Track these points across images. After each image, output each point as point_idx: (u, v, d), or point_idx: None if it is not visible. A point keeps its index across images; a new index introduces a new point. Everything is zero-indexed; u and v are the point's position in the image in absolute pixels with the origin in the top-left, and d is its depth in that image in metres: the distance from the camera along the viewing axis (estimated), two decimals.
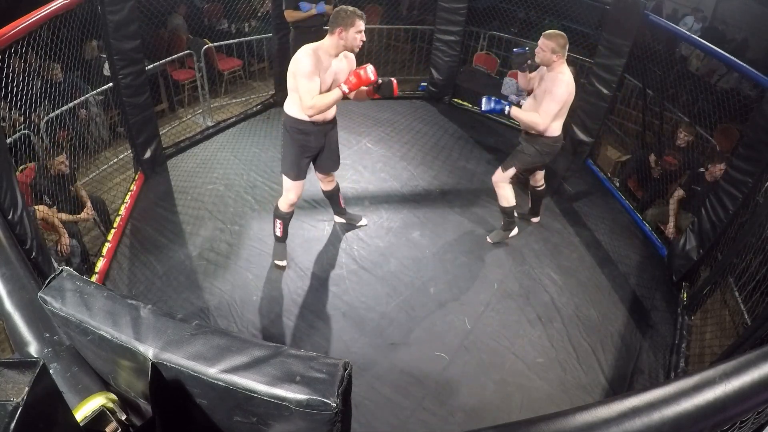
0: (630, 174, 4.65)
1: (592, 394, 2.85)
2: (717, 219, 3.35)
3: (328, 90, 2.78)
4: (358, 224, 3.84)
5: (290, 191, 3.14)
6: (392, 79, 2.94)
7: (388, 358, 2.92)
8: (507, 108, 3.18)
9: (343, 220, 3.84)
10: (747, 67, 3.38)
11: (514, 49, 3.36)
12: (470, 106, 5.65)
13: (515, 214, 3.70)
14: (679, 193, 4.05)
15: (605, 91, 4.54)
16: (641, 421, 0.88)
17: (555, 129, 3.23)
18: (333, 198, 3.63)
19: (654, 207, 4.33)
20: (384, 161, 4.65)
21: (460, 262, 3.62)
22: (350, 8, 2.67)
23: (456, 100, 5.78)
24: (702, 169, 4.00)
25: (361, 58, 6.03)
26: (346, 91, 2.72)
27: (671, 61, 4.80)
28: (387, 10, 6.51)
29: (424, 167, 4.62)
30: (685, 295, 3.51)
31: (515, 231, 3.80)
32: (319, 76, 2.68)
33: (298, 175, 3.08)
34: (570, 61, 5.35)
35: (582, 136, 4.88)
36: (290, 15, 4.49)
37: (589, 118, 4.77)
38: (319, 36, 4.28)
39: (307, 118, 2.83)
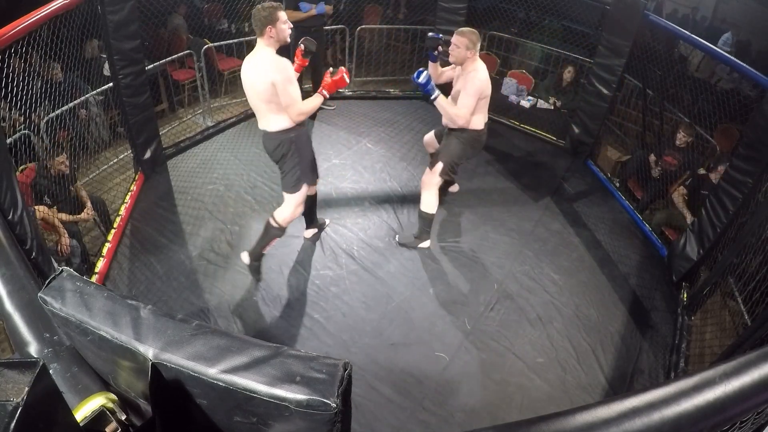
0: (630, 174, 4.65)
1: (592, 394, 2.85)
2: (717, 219, 3.35)
3: None
4: (326, 225, 3.78)
5: (300, 206, 3.08)
6: (307, 38, 2.94)
7: (388, 358, 2.92)
8: (435, 94, 3.05)
9: (314, 230, 3.70)
10: (747, 67, 3.38)
11: (429, 33, 3.30)
12: None
13: (430, 226, 3.62)
14: (682, 190, 4.04)
15: (605, 91, 4.54)
16: (641, 421, 0.88)
17: (477, 123, 3.25)
18: (311, 207, 3.52)
19: (659, 211, 4.27)
20: (384, 161, 4.65)
21: (460, 262, 3.62)
22: (267, 4, 2.65)
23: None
24: (703, 171, 4.00)
25: (362, 57, 6.05)
26: (326, 95, 2.81)
27: (671, 61, 4.80)
28: (387, 11, 6.51)
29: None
30: (685, 296, 3.51)
31: (427, 243, 3.68)
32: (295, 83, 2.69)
33: (313, 180, 3.15)
34: (570, 61, 5.40)
35: (582, 136, 4.89)
36: (290, 15, 4.49)
37: (589, 118, 4.77)
38: (318, 36, 4.30)
39: (292, 125, 2.80)
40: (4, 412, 0.64)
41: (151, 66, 4.33)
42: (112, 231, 3.58)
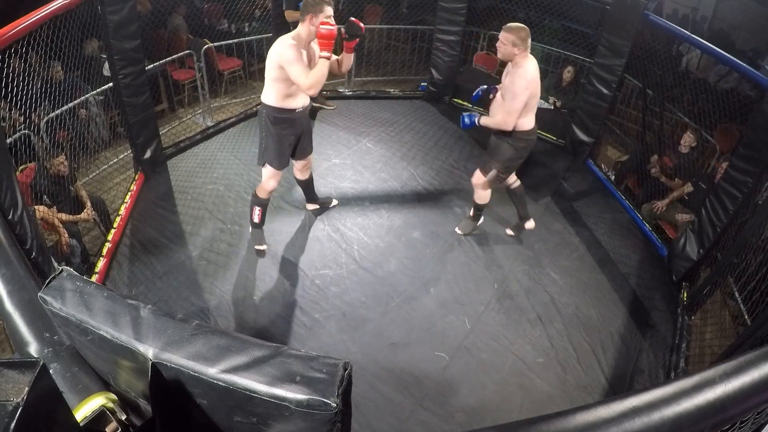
0: (628, 173, 4.66)
1: (592, 394, 2.85)
2: (717, 219, 3.35)
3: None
4: (331, 205, 3.96)
5: (272, 179, 3.26)
6: (351, 18, 2.97)
7: (388, 358, 2.92)
8: (476, 119, 3.26)
9: (316, 206, 3.92)
10: (747, 67, 3.38)
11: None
12: (470, 106, 5.65)
13: (483, 208, 3.74)
14: (687, 188, 4.02)
15: (605, 91, 4.54)
16: (641, 421, 0.88)
17: (526, 124, 3.17)
18: (308, 187, 3.76)
19: (649, 204, 4.33)
20: (384, 161, 4.65)
21: (460, 262, 3.62)
22: None
23: (456, 100, 5.78)
24: (708, 169, 4.01)
25: (362, 57, 6.05)
26: (327, 55, 2.78)
27: (671, 61, 4.80)
28: (387, 10, 6.51)
29: (424, 167, 4.62)
30: (685, 296, 3.51)
31: (482, 220, 3.85)
32: (301, 60, 2.82)
33: (282, 163, 3.19)
34: (570, 61, 5.40)
35: (582, 136, 4.88)
36: (291, 15, 4.50)
37: (589, 118, 4.77)
38: None
39: (288, 106, 2.98)
40: (4, 412, 0.64)
41: (151, 66, 4.33)
42: (112, 231, 3.58)
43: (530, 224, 3.80)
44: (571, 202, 4.43)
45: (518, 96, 3.02)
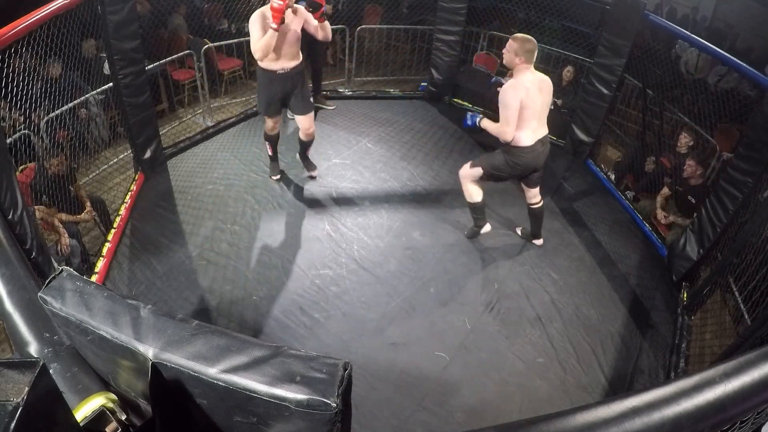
0: (625, 171, 4.69)
1: (592, 394, 2.85)
2: (717, 219, 3.35)
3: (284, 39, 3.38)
4: (310, 173, 4.27)
5: (266, 121, 3.84)
6: None
7: (388, 358, 2.92)
8: (478, 119, 3.23)
9: (301, 163, 4.29)
10: (747, 67, 3.38)
11: (493, 80, 3.46)
12: (470, 106, 5.65)
13: (482, 211, 3.68)
14: (665, 192, 4.09)
15: (605, 91, 4.54)
16: (641, 421, 0.88)
17: (521, 139, 3.11)
18: (303, 151, 4.18)
19: (643, 199, 4.39)
20: (384, 161, 4.65)
21: (460, 262, 3.62)
22: None
23: (456, 100, 5.78)
24: (708, 170, 4.04)
25: (362, 57, 6.04)
26: (274, 26, 3.19)
27: (670, 61, 4.80)
28: (387, 10, 6.51)
29: (424, 167, 4.62)
30: (685, 295, 3.51)
31: (487, 228, 3.75)
32: (263, 30, 3.25)
33: (268, 113, 3.75)
34: (570, 61, 5.40)
35: (582, 136, 4.89)
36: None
37: (589, 118, 4.77)
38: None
39: (268, 67, 3.48)
40: (4, 412, 0.64)
41: (151, 66, 4.33)
42: (112, 231, 3.58)
43: (539, 242, 3.79)
44: (571, 202, 4.43)
45: (508, 105, 3.00)
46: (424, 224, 3.92)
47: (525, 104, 3.01)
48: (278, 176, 4.22)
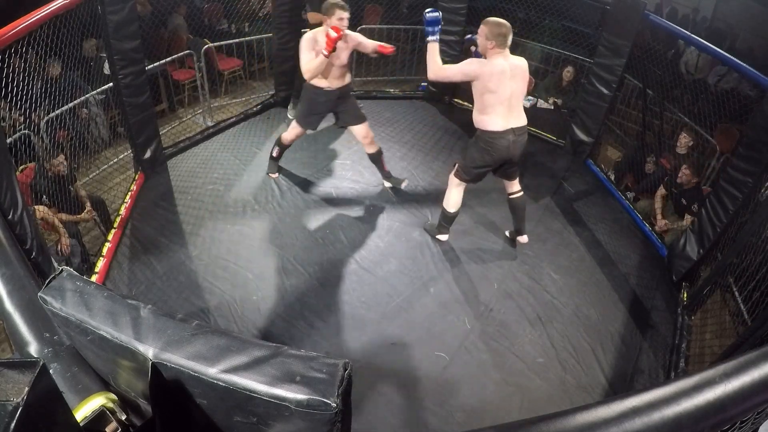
0: (625, 171, 4.70)
1: (592, 394, 2.85)
2: (717, 219, 3.35)
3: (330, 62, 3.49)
4: (402, 186, 4.24)
5: (293, 132, 3.94)
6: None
7: (388, 358, 2.92)
8: (431, 38, 3.13)
9: (389, 185, 4.26)
10: (747, 67, 3.38)
11: (467, 36, 3.42)
12: (470, 106, 5.63)
13: (451, 222, 3.64)
14: (662, 192, 4.10)
15: (605, 91, 4.54)
16: (641, 421, 0.88)
17: (488, 123, 3.05)
18: (376, 162, 4.13)
19: (643, 199, 4.41)
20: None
21: (460, 262, 3.62)
22: (332, 1, 3.35)
23: (456, 100, 5.78)
24: (708, 170, 4.06)
25: (362, 57, 6.04)
26: (325, 53, 3.32)
27: (671, 61, 4.80)
28: (387, 10, 6.50)
29: (424, 167, 4.62)
30: (685, 295, 3.51)
31: (446, 237, 3.72)
32: (313, 50, 3.39)
33: (304, 126, 3.87)
34: (570, 61, 5.40)
35: (582, 136, 4.88)
36: (314, 17, 4.56)
37: (589, 118, 4.77)
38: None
39: (316, 84, 3.59)
40: (4, 412, 0.64)
41: (151, 66, 4.33)
42: (112, 231, 3.58)
43: (523, 239, 3.68)
44: (571, 202, 4.43)
45: (459, 68, 3.02)
46: (424, 224, 3.92)
47: (488, 87, 2.96)
48: (276, 174, 4.27)
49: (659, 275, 3.75)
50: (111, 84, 3.82)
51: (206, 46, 5.07)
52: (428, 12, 3.13)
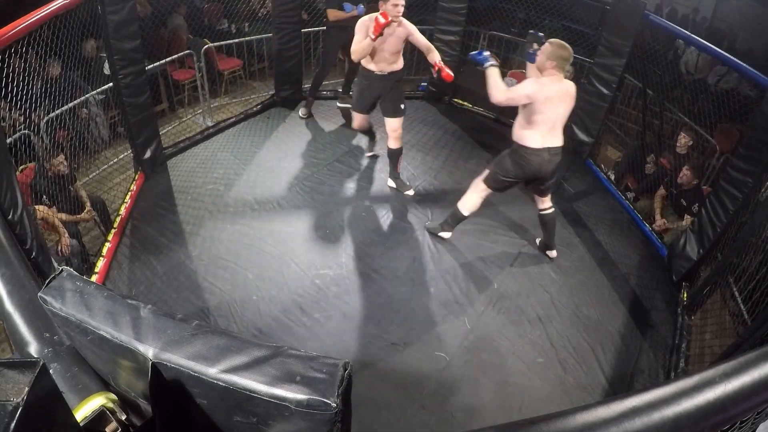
0: (625, 171, 4.70)
1: (592, 394, 2.85)
2: (717, 219, 3.35)
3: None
4: (405, 192, 4.22)
5: (357, 120, 4.13)
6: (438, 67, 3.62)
7: (388, 358, 2.92)
8: (488, 64, 3.13)
9: (393, 185, 4.27)
10: (747, 66, 3.38)
11: (530, 31, 3.37)
12: (470, 106, 5.65)
13: (458, 223, 3.66)
14: (662, 192, 4.11)
15: (605, 91, 4.54)
16: (641, 421, 0.88)
17: (528, 138, 3.12)
18: (393, 158, 4.19)
19: (643, 199, 4.42)
20: (384, 161, 4.64)
21: (460, 262, 3.62)
22: None
23: (456, 100, 5.78)
24: (708, 170, 4.06)
25: None
26: (372, 37, 3.45)
27: (671, 61, 4.80)
28: None
29: (424, 167, 4.62)
30: (685, 295, 3.51)
31: (448, 235, 3.74)
32: (364, 35, 3.50)
33: (359, 109, 4.02)
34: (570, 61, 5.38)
35: (582, 136, 4.88)
36: (333, 14, 4.57)
37: (589, 118, 4.76)
38: (351, 34, 4.40)
39: (366, 66, 3.74)
40: (4, 412, 0.64)
41: (151, 66, 4.33)
42: (112, 231, 3.58)
43: (552, 254, 3.71)
44: (571, 202, 4.43)
45: (519, 90, 3.04)
46: (424, 224, 3.92)
47: (538, 109, 3.01)
48: (372, 152, 4.63)
49: (659, 275, 3.75)
50: (111, 84, 3.82)
51: (206, 46, 5.07)
52: (471, 55, 3.31)
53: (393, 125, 3.98)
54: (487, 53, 3.20)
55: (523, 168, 3.22)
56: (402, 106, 3.93)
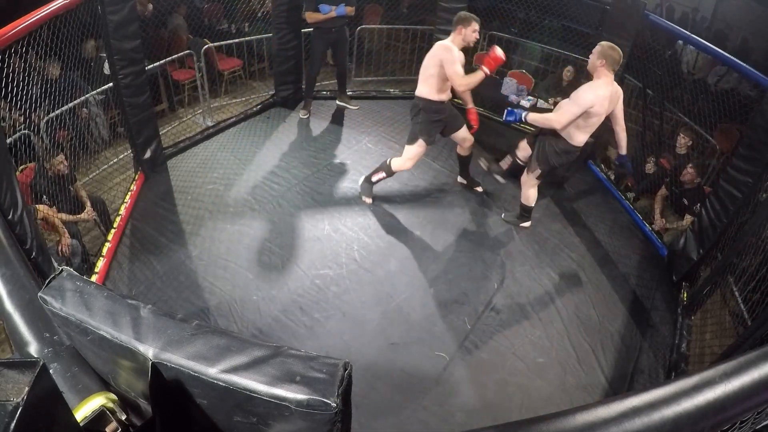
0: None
1: (592, 394, 2.86)
2: (717, 219, 3.35)
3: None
4: (476, 188, 4.34)
5: (412, 159, 3.85)
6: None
7: (388, 358, 2.92)
8: (523, 114, 3.36)
9: (464, 182, 4.37)
10: (747, 67, 3.38)
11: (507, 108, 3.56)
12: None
13: (530, 212, 3.89)
14: (663, 192, 4.11)
15: None
16: (641, 421, 0.88)
17: (576, 137, 3.30)
18: (464, 164, 4.26)
19: (643, 199, 4.43)
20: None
21: (460, 262, 3.62)
22: (468, 13, 3.46)
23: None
24: (708, 170, 4.06)
25: (362, 57, 6.04)
26: (486, 71, 3.35)
27: (671, 61, 4.80)
28: (387, 10, 6.51)
29: (424, 167, 4.61)
30: (685, 295, 3.51)
31: (528, 224, 3.95)
32: (459, 64, 3.41)
33: (431, 141, 3.81)
34: (570, 61, 5.40)
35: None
36: (311, 17, 4.55)
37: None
38: (342, 37, 4.43)
39: (438, 99, 3.59)
40: (4, 412, 0.64)
41: (151, 66, 4.33)
42: (112, 231, 3.58)
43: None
44: (571, 202, 4.43)
45: (579, 103, 3.13)
46: (424, 224, 3.92)
47: (597, 111, 3.15)
48: (370, 200, 4.09)
49: (659, 275, 3.75)
50: (111, 84, 3.82)
51: (206, 46, 5.07)
52: (506, 120, 3.52)
53: (464, 134, 3.97)
54: (516, 110, 3.42)
55: (561, 162, 3.46)
56: (461, 118, 3.97)
